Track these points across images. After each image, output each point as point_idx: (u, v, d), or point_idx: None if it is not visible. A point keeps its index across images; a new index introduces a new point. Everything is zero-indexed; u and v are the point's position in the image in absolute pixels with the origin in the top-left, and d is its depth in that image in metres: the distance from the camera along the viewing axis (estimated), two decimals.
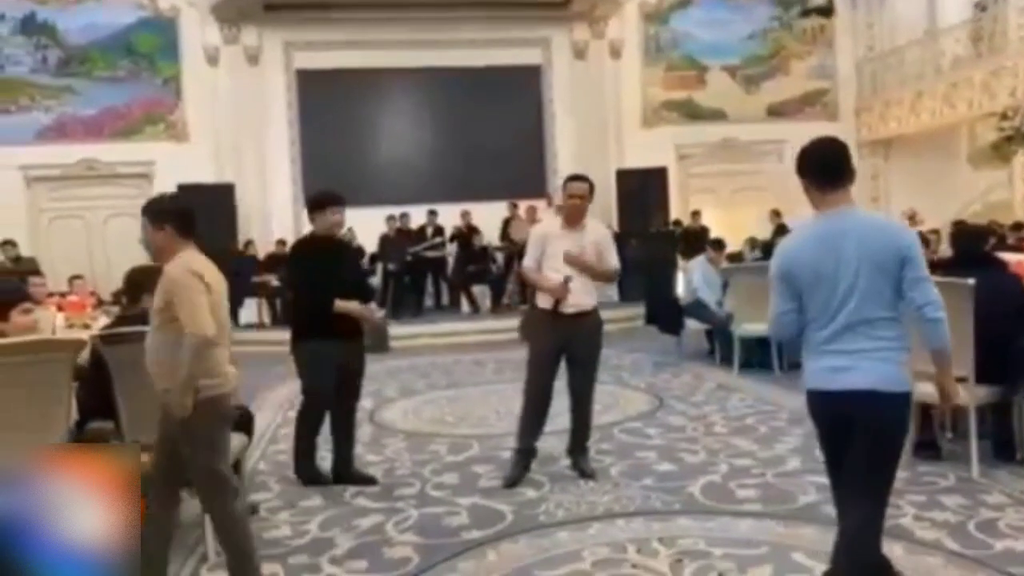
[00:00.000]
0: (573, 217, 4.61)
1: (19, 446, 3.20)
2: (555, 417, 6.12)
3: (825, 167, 2.67)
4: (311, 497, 4.50)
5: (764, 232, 11.73)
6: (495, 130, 13.80)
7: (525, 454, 4.67)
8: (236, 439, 3.93)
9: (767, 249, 9.53)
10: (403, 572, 3.44)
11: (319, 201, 4.78)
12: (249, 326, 11.85)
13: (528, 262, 4.66)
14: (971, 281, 4.17)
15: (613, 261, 4.68)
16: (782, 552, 3.44)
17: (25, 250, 11.92)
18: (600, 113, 14.28)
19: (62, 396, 3.34)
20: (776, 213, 12.82)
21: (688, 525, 3.83)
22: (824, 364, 2.62)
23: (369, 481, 4.67)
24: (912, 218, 11.41)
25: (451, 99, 13.98)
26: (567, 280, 4.49)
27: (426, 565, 3.49)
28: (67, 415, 3.38)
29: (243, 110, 13.25)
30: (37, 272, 7.34)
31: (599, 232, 4.75)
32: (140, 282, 3.96)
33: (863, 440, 2.55)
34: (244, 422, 4.15)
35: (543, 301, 4.62)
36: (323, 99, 13.53)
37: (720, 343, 8.23)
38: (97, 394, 3.85)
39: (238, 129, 13.24)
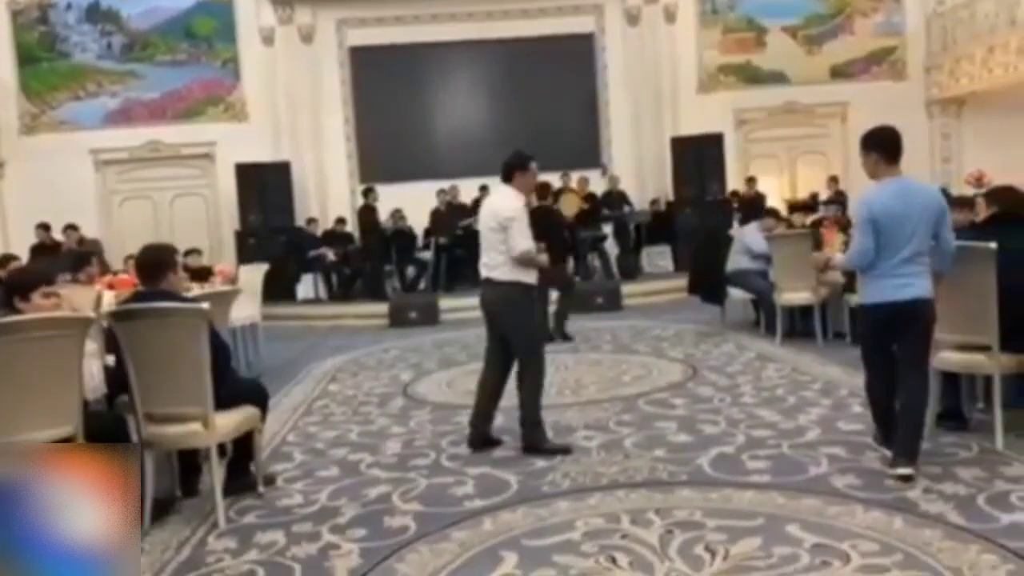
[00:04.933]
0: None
1: (34, 418, 3.40)
2: (581, 389, 6.21)
3: (893, 146, 3.87)
4: (329, 468, 4.63)
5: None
6: (548, 101, 13.72)
7: None
8: (246, 412, 4.07)
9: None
10: (399, 540, 3.51)
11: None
12: (307, 301, 12.16)
13: (529, 243, 4.63)
14: (993, 245, 3.98)
15: None
16: (777, 524, 3.38)
17: (97, 231, 12.50)
18: (655, 80, 14.00)
19: (72, 370, 3.49)
20: (834, 179, 12.49)
21: (689, 496, 3.80)
22: (894, 283, 3.81)
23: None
24: (980, 180, 10.90)
25: (503, 71, 13.94)
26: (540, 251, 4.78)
27: (422, 533, 3.56)
28: (79, 388, 3.54)
29: (298, 89, 13.48)
30: (93, 254, 7.68)
31: None
32: (157, 261, 4.07)
33: (917, 329, 3.87)
34: (257, 396, 4.26)
35: (533, 277, 4.74)
36: (376, 75, 13.66)
37: (764, 312, 8.07)
38: (122, 368, 4.02)
39: (294, 108, 13.48)
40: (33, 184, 12.74)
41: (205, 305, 3.74)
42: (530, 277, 4.71)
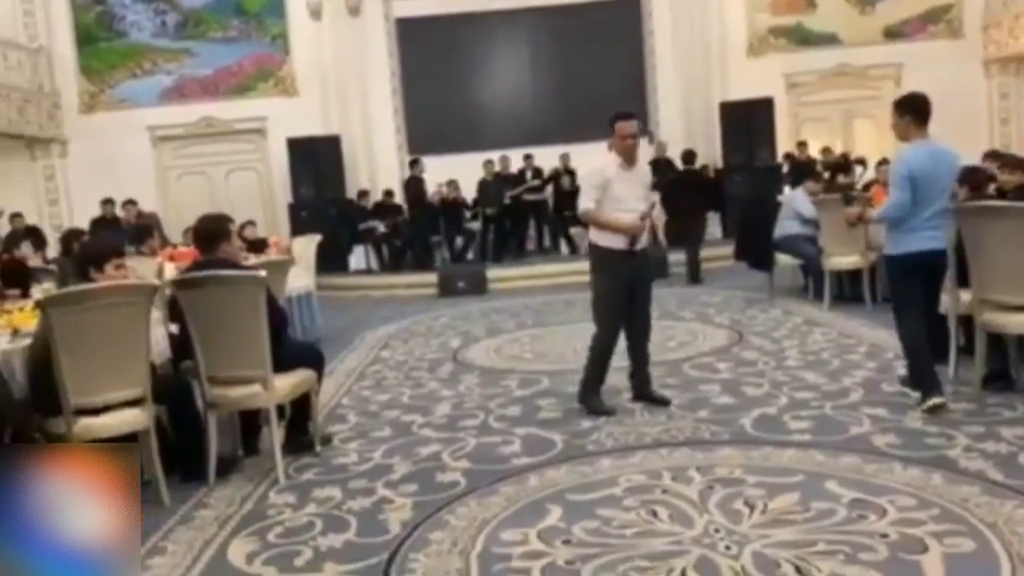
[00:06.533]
0: (631, 158, 4.70)
1: (107, 381, 3.63)
2: (627, 354, 6.28)
3: (924, 110, 4.20)
4: (382, 428, 4.81)
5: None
6: (595, 67, 13.64)
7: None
8: (303, 374, 4.26)
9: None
10: (449, 494, 3.67)
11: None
12: (358, 271, 12.42)
13: (588, 203, 4.63)
14: None
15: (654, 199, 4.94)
16: (816, 480, 3.46)
17: (156, 206, 12.91)
18: (703, 44, 13.84)
19: (141, 335, 3.71)
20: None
21: (730, 455, 3.89)
22: (924, 235, 4.17)
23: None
24: None
25: (550, 38, 13.93)
26: (643, 217, 4.66)
27: (470, 488, 3.72)
28: (147, 352, 3.75)
29: (346, 62, 13.61)
30: (153, 228, 8.02)
31: (647, 170, 4.84)
32: (214, 230, 4.27)
33: (939, 274, 4.41)
34: (313, 360, 4.45)
35: (613, 241, 4.68)
36: (422, 47, 13.76)
37: (812, 277, 8.04)
38: (186, 334, 4.24)
39: (342, 81, 13.62)
40: (94, 161, 13.15)
41: (263, 273, 3.92)
42: (608, 241, 4.66)
